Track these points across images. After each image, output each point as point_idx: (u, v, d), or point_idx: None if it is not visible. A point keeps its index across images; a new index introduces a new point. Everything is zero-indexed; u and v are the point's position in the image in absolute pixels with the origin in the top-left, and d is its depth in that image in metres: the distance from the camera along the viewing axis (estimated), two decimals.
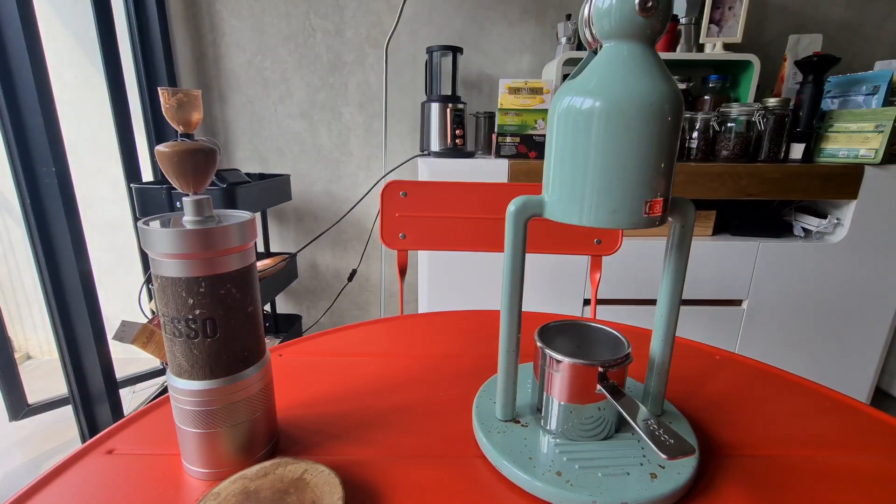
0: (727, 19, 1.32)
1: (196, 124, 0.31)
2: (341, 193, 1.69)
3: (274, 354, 0.51)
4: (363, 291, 1.81)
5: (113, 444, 0.36)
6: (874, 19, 1.51)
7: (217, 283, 0.29)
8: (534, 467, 0.32)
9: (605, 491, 0.30)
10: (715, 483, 0.33)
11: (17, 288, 1.75)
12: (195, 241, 0.28)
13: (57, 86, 1.05)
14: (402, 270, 0.92)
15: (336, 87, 1.60)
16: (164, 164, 0.29)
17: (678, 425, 0.37)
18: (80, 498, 0.31)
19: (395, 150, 1.65)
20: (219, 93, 1.59)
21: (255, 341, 0.33)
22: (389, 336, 0.56)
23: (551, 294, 1.31)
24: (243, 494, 0.28)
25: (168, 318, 0.30)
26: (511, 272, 0.34)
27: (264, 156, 1.66)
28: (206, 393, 0.31)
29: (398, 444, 0.36)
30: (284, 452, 0.35)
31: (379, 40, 1.54)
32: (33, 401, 1.35)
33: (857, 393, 1.38)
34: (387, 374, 0.47)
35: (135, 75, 1.45)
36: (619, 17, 0.28)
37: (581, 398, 0.34)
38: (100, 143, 1.57)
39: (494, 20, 1.55)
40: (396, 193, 0.86)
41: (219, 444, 0.32)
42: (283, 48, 1.56)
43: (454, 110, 1.39)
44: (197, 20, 1.53)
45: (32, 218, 1.05)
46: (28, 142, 1.02)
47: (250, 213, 0.32)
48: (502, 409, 0.37)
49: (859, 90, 1.25)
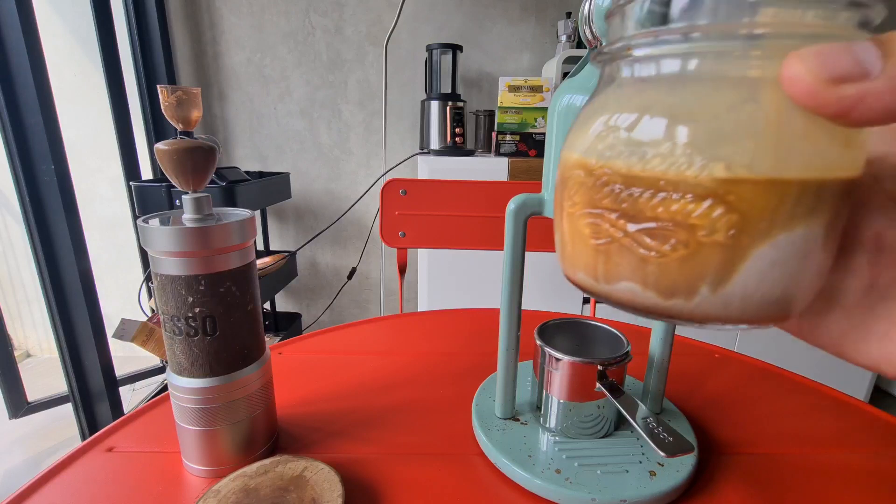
0: None
1: (195, 122, 0.31)
2: (341, 191, 1.69)
3: (274, 352, 0.51)
4: (363, 290, 1.81)
5: (113, 441, 0.36)
6: None
7: (217, 280, 0.29)
8: (533, 465, 0.32)
9: (604, 489, 0.30)
10: (714, 481, 0.33)
11: (16, 286, 1.75)
12: (195, 239, 0.28)
13: (56, 84, 1.05)
14: (402, 268, 0.92)
15: (336, 85, 1.59)
16: (163, 161, 0.29)
17: (677, 423, 0.37)
18: (81, 495, 0.31)
19: (394, 149, 1.65)
20: (218, 90, 1.59)
21: (255, 339, 0.33)
22: (389, 334, 0.56)
23: (551, 292, 1.31)
24: (243, 492, 0.28)
25: (168, 316, 0.30)
26: (511, 270, 0.34)
27: (264, 154, 1.65)
28: (206, 391, 0.31)
29: (398, 441, 0.36)
30: (284, 450, 0.35)
31: (379, 38, 1.54)
32: (33, 399, 1.35)
33: (855, 391, 1.39)
34: (386, 372, 0.47)
35: (134, 73, 1.45)
36: None
37: (580, 396, 0.34)
38: (99, 142, 1.57)
39: (494, 18, 1.55)
40: (396, 191, 0.86)
41: (219, 442, 0.32)
42: (282, 46, 1.55)
43: (454, 108, 1.38)
44: (196, 18, 1.53)
45: (32, 216, 1.05)
46: (27, 140, 1.02)
47: (250, 211, 0.32)
48: (502, 407, 0.37)
49: None
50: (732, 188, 0.13)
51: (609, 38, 0.17)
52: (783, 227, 0.14)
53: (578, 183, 0.17)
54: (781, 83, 0.13)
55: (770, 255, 0.14)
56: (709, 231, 0.14)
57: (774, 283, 0.15)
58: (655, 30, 0.15)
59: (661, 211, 0.14)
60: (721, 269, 0.14)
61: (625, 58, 0.16)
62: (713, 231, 0.14)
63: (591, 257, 0.17)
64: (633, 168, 0.15)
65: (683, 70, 0.15)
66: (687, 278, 0.15)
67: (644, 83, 0.16)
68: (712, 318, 0.15)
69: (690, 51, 0.15)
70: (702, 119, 0.14)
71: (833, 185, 0.14)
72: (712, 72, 0.14)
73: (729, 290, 0.15)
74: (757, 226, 0.14)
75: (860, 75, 0.12)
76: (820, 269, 0.15)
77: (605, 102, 0.17)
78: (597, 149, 0.16)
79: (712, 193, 0.13)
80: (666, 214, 0.14)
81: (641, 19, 0.15)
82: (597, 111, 0.17)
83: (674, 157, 0.14)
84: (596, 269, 0.17)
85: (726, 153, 0.13)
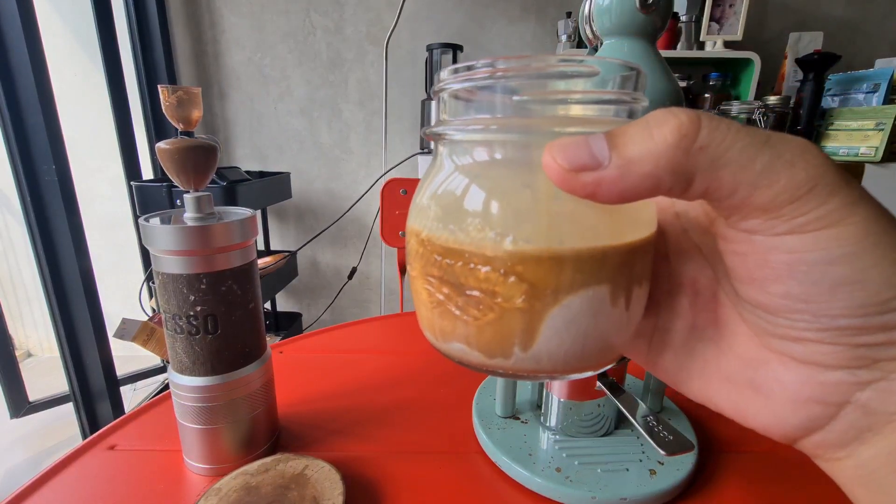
0: (728, 17, 1.32)
1: (196, 122, 0.31)
2: (341, 191, 1.69)
3: (275, 351, 0.51)
4: (363, 289, 1.81)
5: (114, 440, 0.36)
6: (875, 17, 1.51)
7: (218, 279, 0.29)
8: (533, 463, 0.32)
9: (605, 487, 0.30)
10: (714, 479, 0.33)
11: (17, 285, 1.75)
12: (196, 238, 0.28)
13: (57, 84, 1.05)
14: (403, 268, 0.92)
15: (336, 85, 1.59)
16: (164, 161, 0.29)
17: (677, 422, 0.37)
18: (82, 494, 0.31)
19: (395, 148, 1.65)
20: (218, 90, 1.59)
21: (256, 338, 0.33)
22: (390, 333, 0.57)
23: None
24: (244, 490, 0.28)
25: (169, 315, 0.30)
26: None
27: (264, 153, 1.65)
28: (207, 389, 0.31)
29: (398, 440, 0.37)
30: (285, 448, 0.35)
31: (379, 38, 1.54)
32: (34, 398, 1.35)
33: None
34: (387, 371, 0.47)
35: (134, 73, 1.45)
36: (620, 14, 0.28)
37: (580, 395, 0.34)
38: (100, 141, 1.57)
39: (494, 18, 1.55)
40: (396, 191, 0.86)
41: (220, 440, 0.32)
42: (282, 45, 1.56)
43: None
44: (196, 17, 1.53)
45: (33, 215, 1.05)
46: (28, 140, 1.02)
47: (251, 210, 0.32)
48: (502, 406, 0.37)
49: (860, 88, 1.25)
50: (519, 260, 0.15)
51: (433, 118, 0.19)
52: (568, 290, 0.15)
53: (414, 250, 0.18)
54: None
55: (563, 315, 0.16)
56: (506, 298, 0.16)
57: (575, 339, 0.16)
58: (457, 119, 0.17)
59: (471, 280, 0.16)
60: (524, 330, 0.16)
61: (439, 138, 0.18)
62: (510, 298, 0.16)
63: (429, 318, 0.19)
64: (446, 241, 0.16)
65: (482, 155, 0.17)
66: (499, 340, 0.17)
67: (456, 163, 0.17)
68: (531, 372, 0.17)
69: (487, 139, 0.17)
70: (495, 200, 0.16)
71: (611, 250, 0.16)
72: (505, 158, 0.17)
73: (536, 349, 0.16)
74: (544, 291, 0.15)
75: (594, 164, 0.14)
76: (619, 321, 0.17)
77: (428, 176, 0.19)
78: (421, 220, 0.18)
79: (504, 265, 0.15)
80: (475, 283, 0.16)
81: (452, 107, 0.18)
82: (423, 183, 0.19)
83: (475, 233, 0.16)
84: (434, 328, 0.19)
85: (512, 230, 0.15)
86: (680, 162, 0.13)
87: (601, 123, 0.16)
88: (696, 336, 0.18)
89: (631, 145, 0.13)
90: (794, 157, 0.13)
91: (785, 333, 0.15)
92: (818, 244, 0.13)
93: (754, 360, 0.16)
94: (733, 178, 0.13)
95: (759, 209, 0.13)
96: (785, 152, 0.13)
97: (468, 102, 0.17)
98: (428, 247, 0.17)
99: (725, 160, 0.13)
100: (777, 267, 0.14)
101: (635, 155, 0.13)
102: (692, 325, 0.19)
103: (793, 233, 0.13)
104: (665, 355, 0.19)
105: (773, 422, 0.16)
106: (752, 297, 0.15)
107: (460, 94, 0.17)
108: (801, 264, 0.13)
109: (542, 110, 0.17)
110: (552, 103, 0.16)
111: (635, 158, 0.13)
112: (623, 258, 0.16)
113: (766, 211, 0.13)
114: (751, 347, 0.17)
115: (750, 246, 0.14)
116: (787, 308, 0.14)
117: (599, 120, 0.16)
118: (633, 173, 0.13)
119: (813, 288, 0.13)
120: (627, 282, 0.16)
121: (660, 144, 0.13)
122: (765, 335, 0.16)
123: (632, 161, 0.13)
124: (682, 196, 0.14)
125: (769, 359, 0.16)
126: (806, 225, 0.13)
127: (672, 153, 0.13)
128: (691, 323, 0.19)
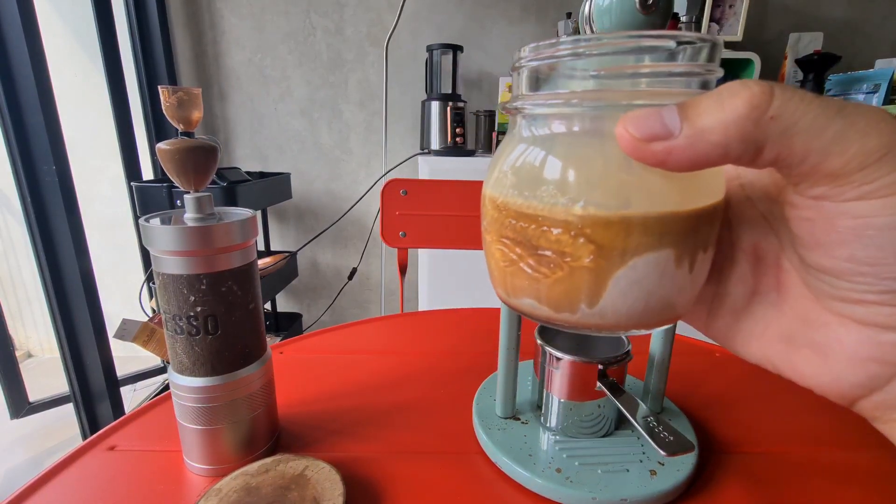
0: (728, 18, 1.32)
1: (196, 122, 0.31)
2: (341, 192, 1.69)
3: (275, 352, 0.51)
4: (363, 290, 1.81)
5: (114, 440, 0.36)
6: (875, 18, 1.51)
7: (218, 280, 0.29)
8: (534, 464, 0.32)
9: (605, 488, 0.30)
10: (714, 480, 0.33)
11: (17, 286, 1.75)
12: (197, 238, 0.28)
13: (57, 84, 1.05)
14: (403, 269, 0.92)
15: (336, 86, 1.59)
16: (165, 161, 0.29)
17: (678, 422, 0.37)
18: (82, 494, 0.31)
19: (395, 149, 1.65)
20: (219, 91, 1.59)
21: (257, 338, 0.33)
22: (390, 334, 0.57)
23: None
24: (244, 490, 0.28)
25: (170, 316, 0.30)
26: None
27: (264, 154, 1.66)
28: (207, 390, 0.31)
29: (399, 440, 0.37)
30: (286, 449, 0.35)
31: (379, 38, 1.54)
32: (34, 398, 1.35)
33: None
34: (387, 372, 0.47)
35: (135, 73, 1.45)
36: (620, 15, 0.28)
37: (581, 395, 0.34)
38: (100, 142, 1.57)
39: (495, 18, 1.55)
40: (397, 192, 0.86)
41: (220, 441, 0.32)
42: (283, 46, 1.56)
43: (454, 108, 1.38)
44: (197, 18, 1.53)
45: (33, 216, 1.05)
46: (29, 140, 1.02)
47: (251, 211, 0.32)
48: (502, 406, 0.37)
49: (860, 89, 1.25)
50: (588, 223, 0.17)
51: (512, 92, 0.21)
52: (635, 252, 0.17)
53: (490, 215, 0.20)
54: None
55: (628, 275, 0.17)
56: (575, 258, 0.17)
57: (637, 299, 0.17)
58: (536, 94, 0.19)
59: (543, 241, 0.18)
60: (591, 288, 0.17)
61: (517, 112, 0.19)
62: (578, 258, 0.17)
63: (502, 277, 0.21)
64: (521, 206, 0.18)
65: (557, 127, 0.18)
66: (567, 296, 0.18)
67: (532, 135, 0.19)
68: (595, 327, 0.19)
69: (563, 113, 0.18)
70: (569, 167, 0.17)
71: (678, 216, 0.17)
72: (581, 130, 0.18)
73: (602, 305, 0.18)
74: (612, 253, 0.17)
75: (666, 134, 0.14)
76: (682, 284, 0.18)
77: (505, 147, 0.20)
78: (499, 188, 0.19)
79: (575, 228, 0.17)
80: (546, 244, 0.18)
81: (529, 82, 0.19)
82: (501, 153, 0.20)
83: (548, 199, 0.17)
84: (506, 286, 0.21)
85: (583, 196, 0.17)
86: (750, 131, 0.13)
87: (674, 95, 0.16)
88: (758, 300, 0.19)
89: (704, 115, 0.14)
90: (868, 125, 0.13)
91: (846, 296, 0.15)
92: (886, 210, 0.13)
93: (815, 322, 0.17)
94: (804, 146, 0.13)
95: (828, 176, 0.14)
96: (858, 121, 0.13)
97: (547, 78, 0.18)
98: (503, 212, 0.19)
99: (797, 129, 0.13)
100: (843, 232, 0.14)
101: (706, 125, 0.14)
102: (753, 290, 0.19)
103: (861, 199, 0.13)
104: (724, 318, 0.20)
105: (830, 381, 0.16)
106: (817, 261, 0.16)
107: (541, 70, 0.18)
108: (867, 229, 0.14)
109: (617, 84, 0.18)
110: (627, 77, 0.17)
111: (706, 128, 0.14)
112: (689, 224, 0.17)
113: (836, 178, 0.13)
114: (812, 310, 0.17)
115: (818, 212, 0.15)
116: (850, 271, 0.15)
117: (672, 92, 0.17)
118: (703, 142, 0.14)
119: (878, 252, 0.14)
120: (693, 247, 0.17)
121: (730, 114, 0.13)
122: (826, 298, 0.16)
123: (703, 130, 0.14)
124: (751, 164, 0.15)
125: (830, 321, 0.16)
126: (875, 192, 0.13)
127: (742, 123, 0.13)
128: (753, 288, 0.19)
